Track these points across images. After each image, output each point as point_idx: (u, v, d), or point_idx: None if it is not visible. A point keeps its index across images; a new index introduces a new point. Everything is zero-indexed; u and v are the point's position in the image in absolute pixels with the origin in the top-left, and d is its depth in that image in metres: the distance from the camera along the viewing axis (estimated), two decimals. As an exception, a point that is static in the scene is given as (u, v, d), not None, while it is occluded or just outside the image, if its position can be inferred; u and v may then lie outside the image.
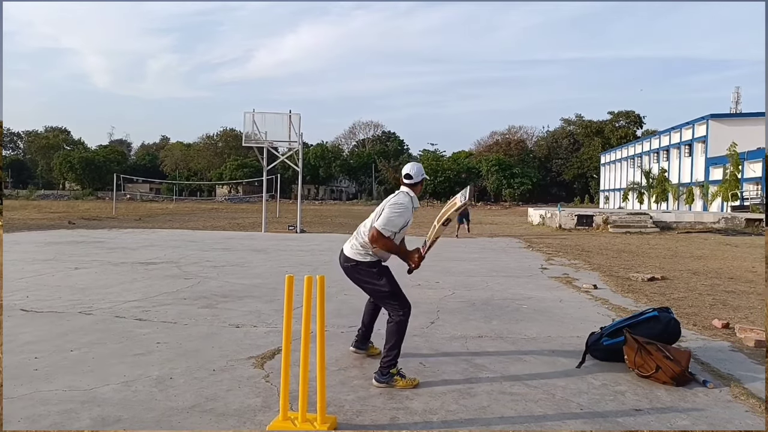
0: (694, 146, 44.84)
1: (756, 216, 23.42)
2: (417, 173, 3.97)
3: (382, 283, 3.81)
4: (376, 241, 3.75)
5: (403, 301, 3.83)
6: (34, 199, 57.21)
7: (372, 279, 3.83)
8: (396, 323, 3.77)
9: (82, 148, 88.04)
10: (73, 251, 11.49)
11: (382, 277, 3.82)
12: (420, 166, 4.06)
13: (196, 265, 9.55)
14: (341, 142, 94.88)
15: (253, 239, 15.75)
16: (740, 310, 6.37)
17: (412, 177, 3.96)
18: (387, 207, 3.84)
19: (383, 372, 3.69)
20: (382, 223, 3.75)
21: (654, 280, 8.44)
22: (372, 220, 3.88)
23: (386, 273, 3.88)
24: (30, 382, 3.62)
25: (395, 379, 3.67)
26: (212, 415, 3.14)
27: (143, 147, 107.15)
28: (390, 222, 3.76)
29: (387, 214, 3.78)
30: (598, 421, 3.17)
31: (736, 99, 62.06)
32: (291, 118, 18.82)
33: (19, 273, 8.20)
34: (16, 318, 5.41)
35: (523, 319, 5.77)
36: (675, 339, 4.35)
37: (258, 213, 29.54)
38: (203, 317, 5.61)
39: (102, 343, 4.56)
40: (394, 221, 3.77)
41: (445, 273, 9.08)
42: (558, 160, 79.57)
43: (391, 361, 3.71)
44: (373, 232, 3.76)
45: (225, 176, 75.64)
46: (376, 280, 3.82)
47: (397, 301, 3.81)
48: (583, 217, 22.15)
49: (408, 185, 3.97)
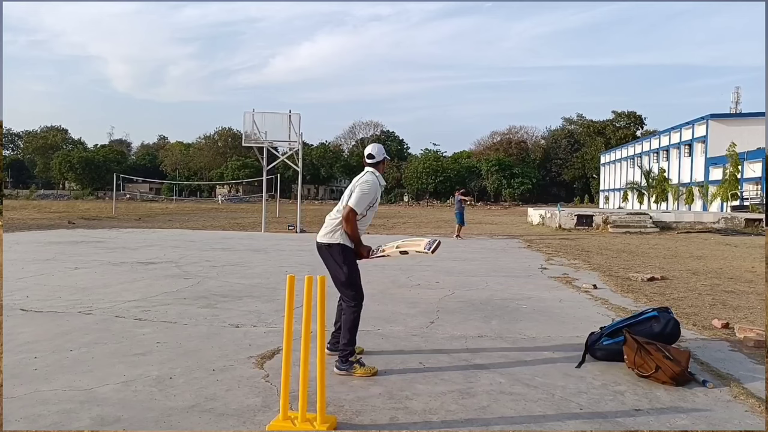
0: (693, 146, 44.83)
1: (755, 216, 23.42)
2: (378, 153, 4.27)
3: (344, 270, 4.00)
4: (347, 220, 3.99)
5: (357, 292, 4.04)
6: (34, 199, 57.23)
7: (336, 263, 4.02)
8: (350, 313, 3.99)
9: (81, 148, 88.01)
10: (73, 251, 11.49)
11: (345, 265, 4.01)
12: (381, 146, 4.37)
13: (196, 265, 9.55)
14: (341, 142, 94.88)
15: (253, 239, 15.75)
16: (740, 310, 6.37)
17: (374, 156, 4.25)
18: (357, 186, 4.08)
19: (343, 360, 3.92)
20: (355, 201, 4.00)
21: (654, 280, 8.44)
22: (342, 202, 4.10)
23: (350, 262, 4.05)
24: (29, 381, 3.62)
25: (354, 367, 3.88)
26: (212, 415, 3.14)
27: (143, 147, 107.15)
28: (361, 199, 4.02)
29: (357, 192, 4.03)
30: (597, 421, 3.17)
31: (736, 99, 62.06)
32: (291, 118, 18.82)
33: (19, 273, 8.20)
34: (16, 318, 5.41)
35: (523, 319, 5.77)
36: (675, 339, 4.35)
37: (258, 213, 29.54)
38: (203, 317, 5.61)
39: (102, 343, 4.56)
40: (364, 199, 4.03)
41: (444, 273, 9.08)
42: (558, 160, 79.56)
43: (346, 348, 3.93)
44: (347, 210, 4.00)
45: (226, 176, 75.63)
46: (339, 264, 4.01)
47: (352, 291, 4.02)
48: (582, 217, 22.15)
49: (371, 164, 4.24)
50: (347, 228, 4.01)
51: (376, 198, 4.14)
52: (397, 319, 5.69)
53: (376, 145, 4.35)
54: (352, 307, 4.00)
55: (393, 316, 5.77)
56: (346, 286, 4.03)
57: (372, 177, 4.15)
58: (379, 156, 4.26)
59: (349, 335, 3.97)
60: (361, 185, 4.08)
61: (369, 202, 4.07)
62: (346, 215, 3.99)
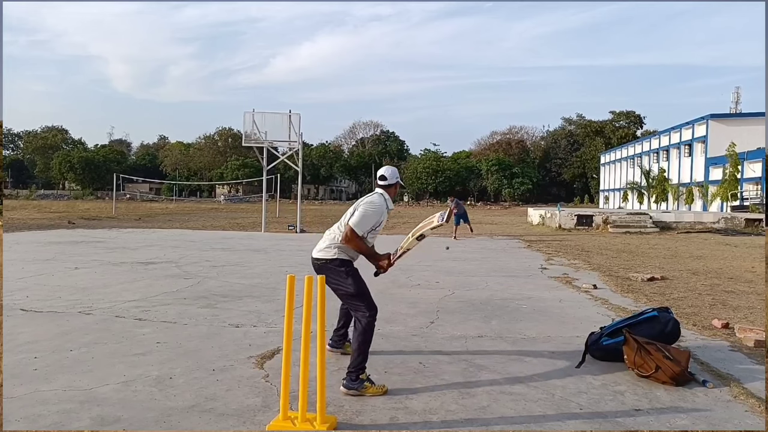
0: (693, 146, 44.81)
1: (755, 216, 23.42)
2: (392, 176, 4.06)
3: (349, 282, 3.77)
4: (349, 240, 3.80)
5: (368, 303, 3.76)
6: (34, 199, 57.23)
7: (338, 278, 3.79)
8: (362, 326, 3.69)
9: (81, 148, 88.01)
10: (73, 251, 11.49)
11: (349, 277, 3.79)
12: (395, 169, 4.15)
13: (196, 265, 9.55)
14: (341, 141, 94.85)
15: (253, 239, 15.75)
16: (740, 310, 6.37)
17: (386, 179, 4.04)
18: (361, 206, 3.89)
19: (352, 378, 3.59)
20: (356, 221, 3.80)
21: (654, 280, 8.44)
22: (345, 219, 3.91)
23: (353, 273, 3.84)
24: (29, 381, 3.62)
25: (365, 385, 3.56)
26: (212, 415, 3.14)
27: (143, 147, 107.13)
28: (364, 220, 3.81)
29: (361, 212, 3.84)
30: (597, 421, 3.17)
31: (736, 99, 62.01)
32: (291, 118, 18.82)
33: (19, 273, 8.20)
34: (16, 318, 5.41)
35: (523, 319, 5.77)
36: (675, 339, 4.35)
37: (257, 213, 29.54)
38: (203, 317, 5.61)
39: (102, 343, 4.56)
40: (367, 220, 3.82)
41: (444, 273, 9.08)
42: (557, 159, 79.55)
43: (359, 366, 3.60)
44: (347, 230, 3.81)
45: (225, 176, 75.62)
46: (342, 279, 3.78)
47: (362, 302, 3.75)
48: (582, 217, 22.15)
49: (383, 186, 4.04)
50: (351, 246, 3.82)
51: (380, 221, 3.92)
52: (397, 319, 5.69)
53: (390, 167, 4.14)
54: (365, 321, 3.69)
55: (393, 316, 5.77)
56: (355, 297, 3.76)
57: (380, 199, 3.93)
58: (392, 179, 4.04)
59: (361, 352, 3.64)
60: (365, 205, 3.87)
61: (372, 224, 3.86)
62: (347, 235, 3.79)
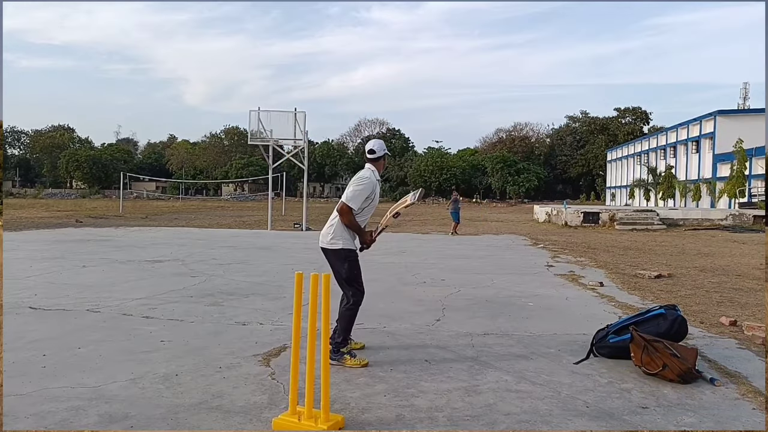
0: (701, 143, 44.54)
1: (764, 213, 23.24)
2: (380, 149, 4.33)
3: (345, 268, 4.13)
4: (342, 214, 4.10)
5: (357, 289, 4.17)
6: (42, 198, 57.59)
7: (337, 261, 4.15)
8: (348, 308, 4.13)
9: (88, 147, 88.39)
10: (80, 249, 11.56)
11: (346, 263, 4.14)
12: (382, 142, 4.44)
13: (203, 263, 9.59)
14: (346, 139, 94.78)
15: (259, 237, 15.79)
16: (748, 307, 6.33)
17: (375, 152, 4.31)
18: (352, 183, 4.19)
19: (335, 351, 4.03)
20: (348, 197, 4.10)
21: (661, 278, 8.41)
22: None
23: (352, 260, 4.17)
24: (38, 379, 3.65)
25: (345, 357, 4.05)
26: (219, 412, 3.16)
27: (149, 145, 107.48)
28: (355, 194, 4.10)
29: (352, 188, 4.14)
30: (604, 419, 3.16)
31: (744, 95, 61.65)
32: (296, 116, 18.84)
33: (28, 271, 8.26)
34: (25, 315, 5.45)
35: (529, 317, 5.76)
36: (682, 337, 4.33)
37: (263, 211, 29.60)
38: (209, 315, 5.64)
39: (109, 341, 4.59)
40: (359, 194, 4.11)
41: (450, 270, 9.07)
42: (563, 156, 79.20)
43: (340, 342, 4.09)
44: (341, 205, 4.11)
45: (231, 174, 75.79)
46: (340, 264, 4.14)
47: (352, 288, 4.15)
48: (589, 214, 22.04)
49: (371, 160, 4.32)
50: (344, 221, 4.11)
51: (373, 193, 4.19)
52: (403, 316, 5.69)
53: (377, 140, 4.43)
54: (351, 304, 4.14)
55: (399, 314, 5.78)
56: (346, 281, 4.15)
57: (368, 173, 4.23)
58: (380, 152, 4.32)
59: (344, 329, 4.12)
60: (355, 181, 4.19)
61: (365, 197, 4.14)
62: (341, 209, 4.10)
